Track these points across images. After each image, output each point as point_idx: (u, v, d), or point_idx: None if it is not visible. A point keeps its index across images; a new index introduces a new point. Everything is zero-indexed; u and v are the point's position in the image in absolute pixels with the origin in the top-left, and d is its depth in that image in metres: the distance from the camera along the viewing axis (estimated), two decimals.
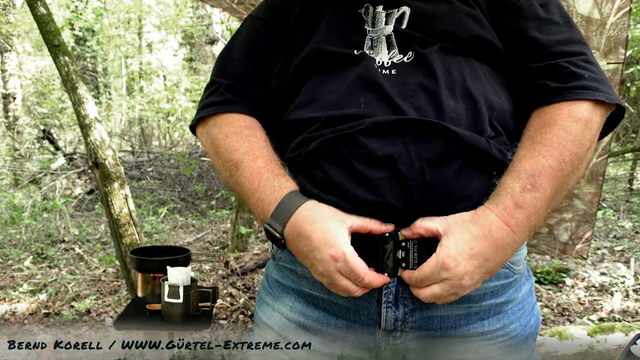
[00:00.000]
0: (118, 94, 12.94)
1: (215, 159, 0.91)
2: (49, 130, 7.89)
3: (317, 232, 0.76)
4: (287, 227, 0.79)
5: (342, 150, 0.79)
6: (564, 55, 0.83)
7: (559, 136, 0.77)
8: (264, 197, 0.82)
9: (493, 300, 0.84)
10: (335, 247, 0.75)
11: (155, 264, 1.85)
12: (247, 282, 3.88)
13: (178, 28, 12.05)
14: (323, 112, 0.83)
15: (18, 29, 9.48)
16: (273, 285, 0.96)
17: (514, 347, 0.86)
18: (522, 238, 0.76)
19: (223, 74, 0.96)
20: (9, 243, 5.11)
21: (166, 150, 8.51)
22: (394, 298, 0.81)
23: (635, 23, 5.05)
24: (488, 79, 0.85)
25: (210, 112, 0.93)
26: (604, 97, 0.79)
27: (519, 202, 0.74)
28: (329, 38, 0.89)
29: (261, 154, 0.86)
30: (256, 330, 0.98)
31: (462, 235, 0.74)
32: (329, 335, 0.87)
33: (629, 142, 7.07)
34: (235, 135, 0.89)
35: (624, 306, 3.42)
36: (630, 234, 4.96)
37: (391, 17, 0.88)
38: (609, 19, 1.63)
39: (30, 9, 2.66)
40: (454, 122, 0.79)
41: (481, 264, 0.74)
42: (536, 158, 0.76)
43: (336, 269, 0.75)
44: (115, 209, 2.45)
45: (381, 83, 0.82)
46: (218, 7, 2.31)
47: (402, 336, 0.83)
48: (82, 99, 2.55)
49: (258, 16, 1.00)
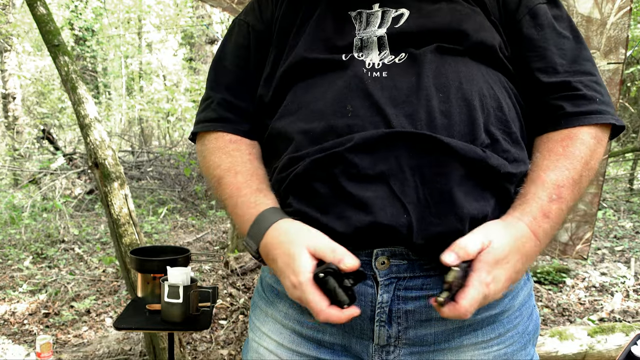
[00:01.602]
0: (118, 94, 12.93)
1: (204, 173, 0.94)
2: (48, 130, 7.89)
3: (281, 256, 0.74)
4: (260, 247, 0.78)
5: (332, 170, 0.76)
6: (576, 74, 0.84)
7: (581, 150, 0.79)
8: (242, 213, 0.82)
9: (487, 312, 0.82)
10: (295, 274, 0.71)
11: (155, 264, 1.84)
12: (247, 282, 3.88)
13: (178, 28, 12.05)
14: (307, 124, 0.81)
15: (18, 28, 9.47)
16: (267, 290, 0.94)
17: (511, 354, 0.84)
18: (546, 244, 0.76)
19: (216, 87, 0.96)
20: (9, 243, 5.11)
21: (166, 150, 8.51)
22: (387, 317, 0.79)
23: (635, 23, 5.05)
24: (486, 79, 0.82)
25: (201, 128, 0.95)
26: (613, 120, 0.83)
27: (547, 212, 0.75)
28: (314, 44, 0.86)
29: (242, 169, 0.86)
30: (251, 336, 0.95)
31: (502, 248, 0.71)
32: (326, 343, 0.85)
33: (629, 142, 7.08)
34: (218, 150, 0.90)
35: (625, 306, 3.42)
36: (630, 234, 4.96)
37: (387, 17, 0.86)
38: (610, 18, 1.63)
39: (29, 9, 2.65)
40: (446, 129, 0.76)
41: (510, 275, 0.73)
42: (560, 170, 0.78)
43: (297, 298, 0.72)
44: (115, 208, 2.45)
45: (370, 90, 0.79)
46: (218, 7, 2.30)
47: (395, 351, 0.81)
48: (81, 99, 2.55)
49: (245, 20, 0.98)
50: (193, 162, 7.06)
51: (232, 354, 2.85)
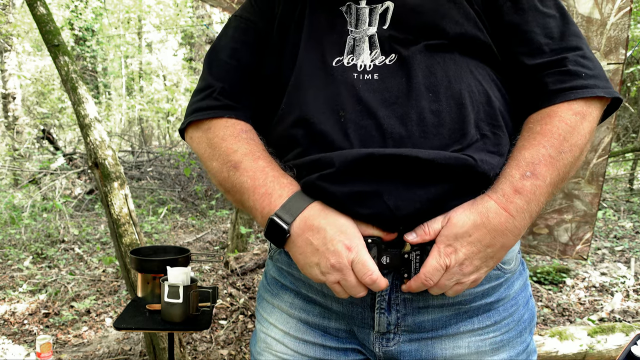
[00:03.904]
0: (118, 94, 12.94)
1: (210, 162, 0.89)
2: (48, 130, 7.89)
3: (330, 224, 0.75)
4: (298, 219, 0.77)
5: (319, 196, 0.79)
6: (561, 52, 0.82)
7: (558, 127, 0.78)
8: (272, 191, 0.80)
9: (483, 300, 0.85)
10: (350, 237, 0.75)
11: (155, 264, 1.84)
12: (247, 282, 3.88)
13: (178, 28, 12.05)
14: (300, 129, 0.82)
15: (18, 28, 9.47)
16: (272, 283, 0.97)
17: (507, 341, 0.87)
18: (523, 223, 0.76)
19: (215, 78, 0.93)
20: (9, 243, 5.11)
21: (166, 150, 8.52)
22: (386, 305, 0.83)
23: (635, 23, 5.05)
24: (475, 75, 0.83)
25: (206, 115, 0.90)
26: (602, 92, 0.80)
27: (518, 188, 0.75)
28: (309, 45, 0.87)
29: (262, 155, 0.85)
30: (258, 327, 0.98)
31: (460, 224, 0.74)
32: (332, 329, 0.89)
33: (629, 142, 7.08)
34: (232, 137, 0.87)
35: (625, 306, 3.42)
36: (630, 234, 4.96)
37: (375, 14, 0.86)
38: (610, 19, 1.63)
39: (29, 9, 2.65)
40: (437, 127, 0.78)
41: (480, 249, 0.75)
42: (536, 147, 0.77)
43: (348, 261, 0.74)
44: (115, 208, 2.45)
45: (361, 94, 0.80)
46: (218, 7, 2.30)
47: (394, 338, 0.85)
48: (81, 99, 2.55)
49: (243, 16, 0.97)
50: (193, 162, 7.06)
51: (232, 354, 2.85)
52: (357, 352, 0.90)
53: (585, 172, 1.86)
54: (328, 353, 0.90)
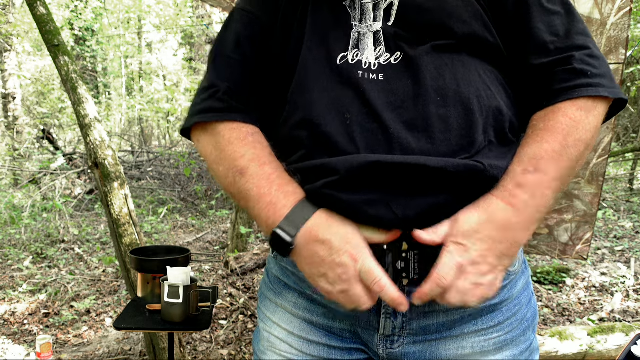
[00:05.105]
0: (118, 94, 12.94)
1: (216, 165, 0.87)
2: (48, 130, 7.89)
3: (335, 234, 0.74)
4: (302, 230, 0.76)
5: (323, 203, 0.78)
6: (567, 50, 0.81)
7: (562, 122, 0.77)
8: (277, 201, 0.78)
9: (487, 302, 0.84)
10: (355, 247, 0.74)
11: (155, 264, 1.84)
12: (247, 282, 3.88)
13: (178, 28, 12.05)
14: (304, 130, 0.81)
15: (18, 28, 9.47)
16: (274, 282, 0.95)
17: (511, 340, 0.87)
18: (530, 217, 0.75)
19: (219, 76, 0.90)
20: (9, 243, 5.11)
21: (166, 150, 8.52)
22: (392, 310, 0.82)
23: (635, 23, 5.05)
24: (483, 79, 0.82)
25: (212, 118, 0.88)
26: (607, 92, 0.79)
27: (520, 182, 0.74)
28: (313, 41, 0.85)
29: (268, 161, 0.83)
30: (261, 325, 0.97)
31: (468, 222, 0.74)
32: (336, 330, 0.89)
33: (629, 142, 7.08)
34: (239, 141, 0.85)
35: (625, 306, 3.42)
36: (630, 234, 4.96)
37: (379, 9, 0.84)
38: (610, 19, 1.63)
39: (29, 9, 2.65)
40: (444, 133, 0.76)
41: (491, 246, 0.73)
42: (539, 143, 0.76)
43: (355, 272, 0.73)
44: (115, 208, 2.45)
45: (367, 96, 0.78)
46: (218, 7, 2.30)
47: (399, 340, 0.85)
48: (81, 99, 2.55)
49: (246, 9, 0.94)
50: (193, 162, 7.07)
51: (232, 354, 2.85)
52: (361, 351, 0.90)
53: (585, 172, 1.86)
54: (332, 353, 0.89)
